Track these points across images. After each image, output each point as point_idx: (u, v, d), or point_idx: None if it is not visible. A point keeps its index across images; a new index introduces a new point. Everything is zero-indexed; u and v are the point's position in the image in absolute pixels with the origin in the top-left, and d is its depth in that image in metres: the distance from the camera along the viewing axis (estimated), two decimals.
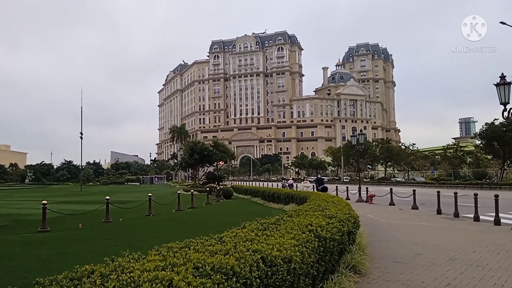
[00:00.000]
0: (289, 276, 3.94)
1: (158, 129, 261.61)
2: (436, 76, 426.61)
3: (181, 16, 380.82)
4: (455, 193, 17.76)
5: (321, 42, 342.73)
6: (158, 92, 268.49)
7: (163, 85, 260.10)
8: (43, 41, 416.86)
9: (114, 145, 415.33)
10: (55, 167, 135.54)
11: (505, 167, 56.78)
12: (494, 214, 14.51)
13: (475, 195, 15.95)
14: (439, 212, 18.21)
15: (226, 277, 3.06)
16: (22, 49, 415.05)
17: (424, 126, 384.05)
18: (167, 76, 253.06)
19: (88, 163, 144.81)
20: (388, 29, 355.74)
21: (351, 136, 32.38)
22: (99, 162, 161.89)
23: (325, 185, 28.92)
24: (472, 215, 15.74)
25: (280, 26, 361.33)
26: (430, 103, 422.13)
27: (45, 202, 14.22)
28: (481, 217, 15.47)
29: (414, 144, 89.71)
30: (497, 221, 14.14)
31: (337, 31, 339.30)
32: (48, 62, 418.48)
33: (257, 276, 3.39)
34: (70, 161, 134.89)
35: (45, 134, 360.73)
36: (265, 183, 67.08)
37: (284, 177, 77.76)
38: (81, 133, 73.14)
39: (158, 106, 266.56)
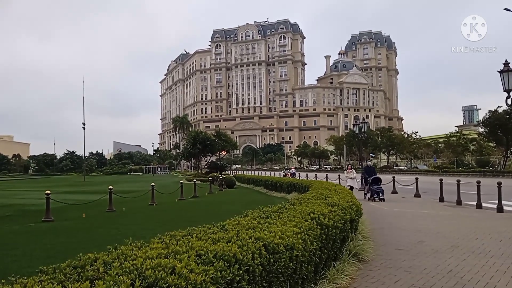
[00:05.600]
0: (291, 263, 3.96)
1: (160, 119, 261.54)
2: (454, 64, 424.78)
3: (189, 6, 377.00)
4: (458, 181, 17.67)
5: (325, 31, 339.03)
6: (160, 82, 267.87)
7: (164, 75, 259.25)
8: (71, 29, 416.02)
9: (117, 136, 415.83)
10: (58, 157, 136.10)
11: (508, 155, 56.65)
12: (496, 201, 14.51)
13: (478, 182, 15.89)
14: (441, 199, 18.22)
15: (228, 264, 3.07)
16: (51, 38, 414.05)
17: (438, 115, 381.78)
18: (169, 66, 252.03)
19: (91, 153, 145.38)
20: (406, 19, 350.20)
21: (354, 124, 32.27)
22: (102, 152, 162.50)
23: (378, 175, 20.41)
24: (474, 203, 15.74)
25: (283, 14, 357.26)
26: (446, 92, 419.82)
27: (48, 192, 14.29)
28: (483, 204, 15.47)
29: (416, 132, 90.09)
30: (499, 209, 14.15)
31: (344, 20, 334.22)
32: (74, 50, 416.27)
33: (259, 263, 3.40)
34: (73, 151, 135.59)
35: (50, 125, 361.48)
36: (268, 173, 67.20)
37: (286, 166, 77.87)
38: (84, 124, 73.44)
39: (160, 96, 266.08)
